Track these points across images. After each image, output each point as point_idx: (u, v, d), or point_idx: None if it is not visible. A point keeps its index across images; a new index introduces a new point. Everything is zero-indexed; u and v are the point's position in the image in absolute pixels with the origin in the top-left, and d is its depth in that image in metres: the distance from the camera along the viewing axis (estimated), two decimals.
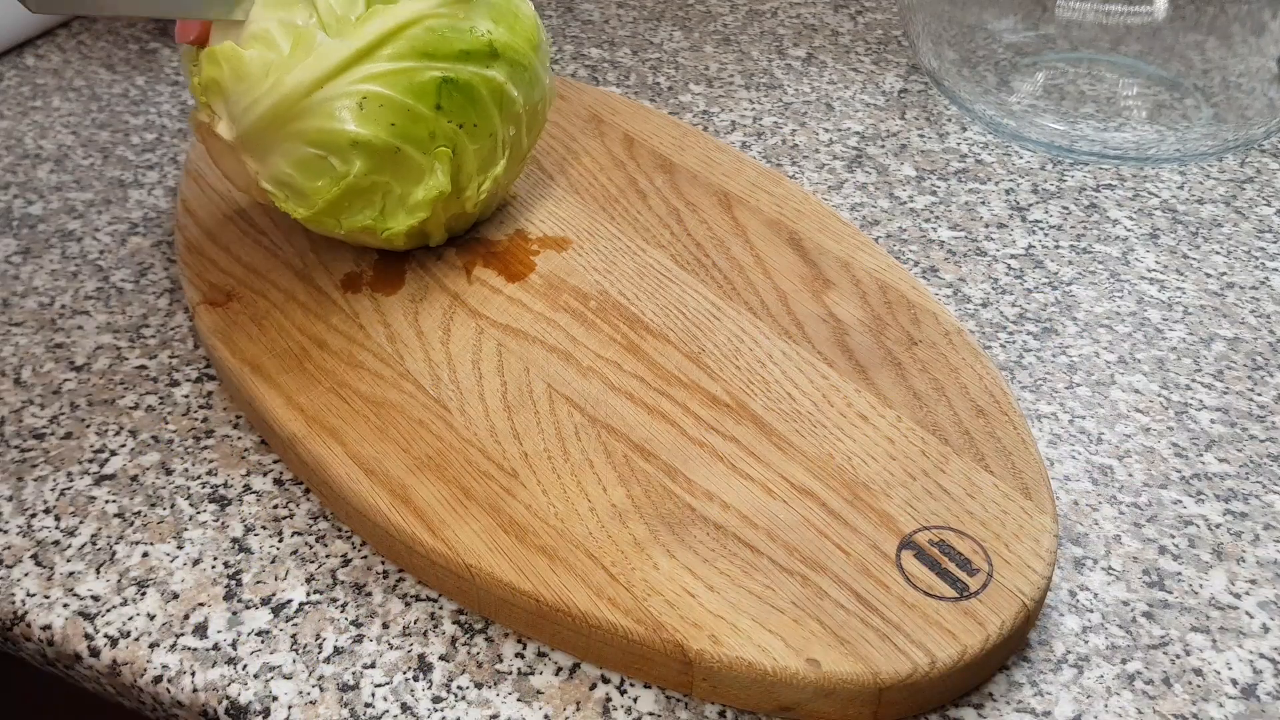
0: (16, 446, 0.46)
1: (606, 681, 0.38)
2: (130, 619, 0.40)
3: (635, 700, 0.37)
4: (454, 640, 0.39)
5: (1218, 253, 0.56)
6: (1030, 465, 0.41)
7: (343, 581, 0.41)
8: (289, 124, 0.45)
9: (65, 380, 0.49)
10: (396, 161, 0.46)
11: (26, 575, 0.42)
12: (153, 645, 0.39)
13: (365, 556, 0.42)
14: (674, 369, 0.45)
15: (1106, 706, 0.37)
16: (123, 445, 0.46)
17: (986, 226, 0.58)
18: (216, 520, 0.43)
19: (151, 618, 0.40)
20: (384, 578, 0.41)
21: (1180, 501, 0.44)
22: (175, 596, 0.41)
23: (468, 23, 0.46)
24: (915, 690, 0.35)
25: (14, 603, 0.41)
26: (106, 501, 0.44)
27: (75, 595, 0.41)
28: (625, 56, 0.73)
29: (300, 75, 0.44)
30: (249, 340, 0.47)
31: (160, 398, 0.48)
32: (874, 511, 0.40)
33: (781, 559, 0.38)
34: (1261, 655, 0.39)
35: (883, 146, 0.64)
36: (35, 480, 0.45)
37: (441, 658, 0.39)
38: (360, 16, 0.45)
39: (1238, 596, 0.40)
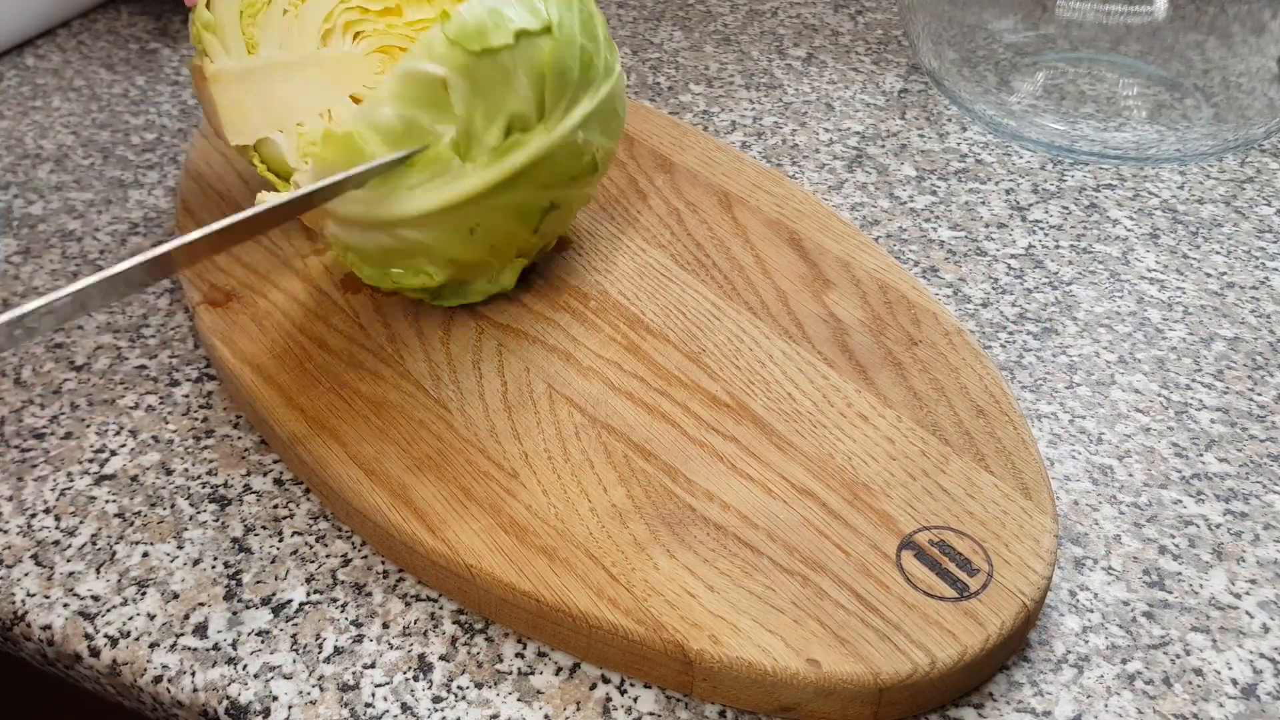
0: (16, 446, 0.46)
1: (607, 681, 0.38)
2: (130, 619, 0.40)
3: (635, 700, 0.37)
4: (454, 640, 0.39)
5: (1218, 252, 0.56)
6: (1030, 465, 0.41)
7: (343, 581, 0.41)
8: (397, 229, 0.43)
9: (65, 380, 0.49)
10: (478, 269, 0.46)
11: (26, 575, 0.42)
12: (153, 645, 0.39)
13: (365, 556, 0.42)
14: (674, 369, 0.45)
15: (1106, 706, 0.37)
16: (123, 445, 0.46)
17: (986, 226, 0.58)
18: (216, 520, 0.43)
19: (151, 618, 0.40)
20: (384, 578, 0.41)
21: (1180, 501, 0.44)
22: (175, 596, 0.41)
23: (588, 145, 0.44)
24: (915, 690, 0.35)
25: (14, 603, 0.41)
26: (106, 501, 0.44)
27: (75, 595, 0.41)
28: (625, 56, 0.73)
29: (424, 201, 0.42)
30: (249, 340, 0.47)
31: (160, 398, 0.48)
32: (874, 511, 0.40)
33: (782, 559, 0.38)
34: (1261, 655, 0.39)
35: (883, 146, 0.64)
36: (35, 480, 0.45)
37: (442, 658, 0.39)
38: (499, 147, 0.42)
39: (1238, 596, 0.40)
